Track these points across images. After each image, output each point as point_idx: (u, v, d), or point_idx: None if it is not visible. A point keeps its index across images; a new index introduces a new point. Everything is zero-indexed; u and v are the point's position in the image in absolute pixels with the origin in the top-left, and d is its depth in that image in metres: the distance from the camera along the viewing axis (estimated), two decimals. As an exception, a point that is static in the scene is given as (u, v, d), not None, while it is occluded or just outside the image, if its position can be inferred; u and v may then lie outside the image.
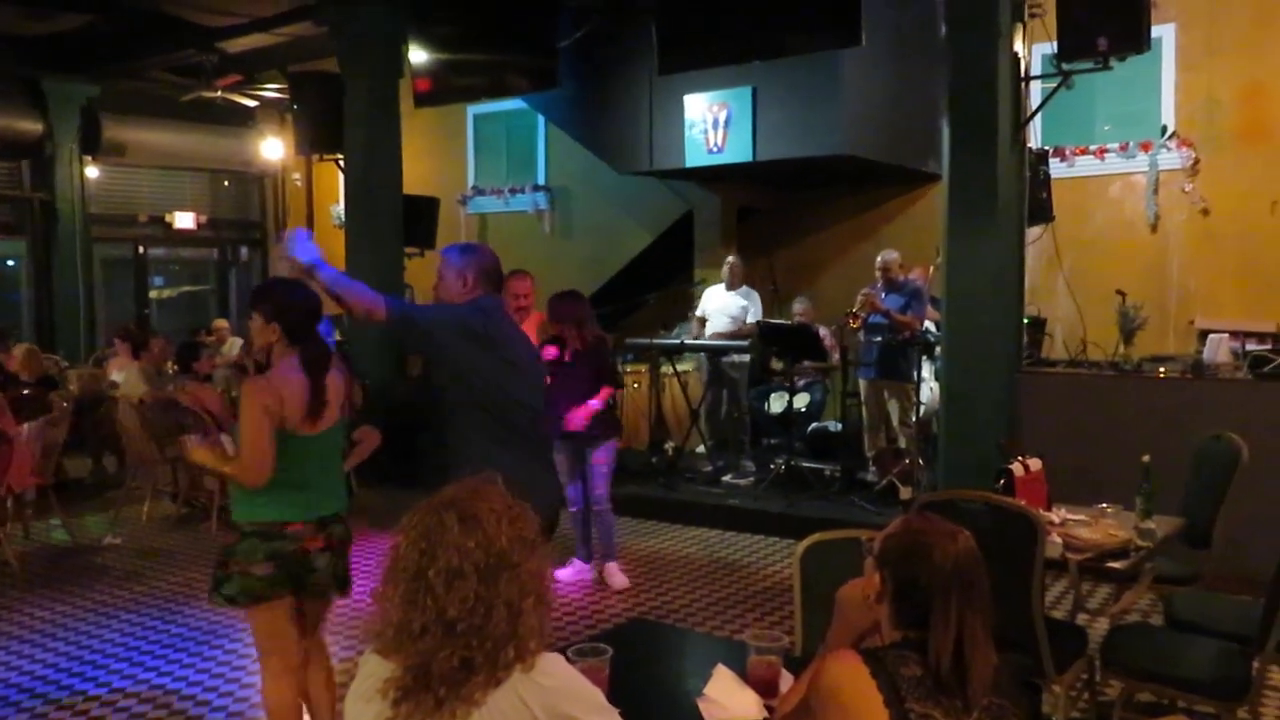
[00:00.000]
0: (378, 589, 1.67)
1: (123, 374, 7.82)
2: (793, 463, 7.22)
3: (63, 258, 11.32)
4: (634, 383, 8.26)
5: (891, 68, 8.03)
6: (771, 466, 7.38)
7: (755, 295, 8.11)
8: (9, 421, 5.84)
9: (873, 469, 7.15)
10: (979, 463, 5.30)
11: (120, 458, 8.12)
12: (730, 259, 8.20)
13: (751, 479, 7.54)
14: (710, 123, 8.14)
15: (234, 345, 9.70)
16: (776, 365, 8.26)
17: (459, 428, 3.22)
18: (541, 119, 10.67)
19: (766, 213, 10.07)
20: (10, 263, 12.08)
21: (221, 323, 10.74)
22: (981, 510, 3.37)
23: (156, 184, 12.66)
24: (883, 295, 6.96)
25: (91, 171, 11.54)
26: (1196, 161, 7.78)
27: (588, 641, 2.20)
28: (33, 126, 10.93)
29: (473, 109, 11.39)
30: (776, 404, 8.14)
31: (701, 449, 8.25)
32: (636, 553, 6.36)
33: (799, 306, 8.23)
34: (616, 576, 5.56)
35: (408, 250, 8.81)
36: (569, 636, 4.75)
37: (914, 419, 6.81)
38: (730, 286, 8.07)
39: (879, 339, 6.95)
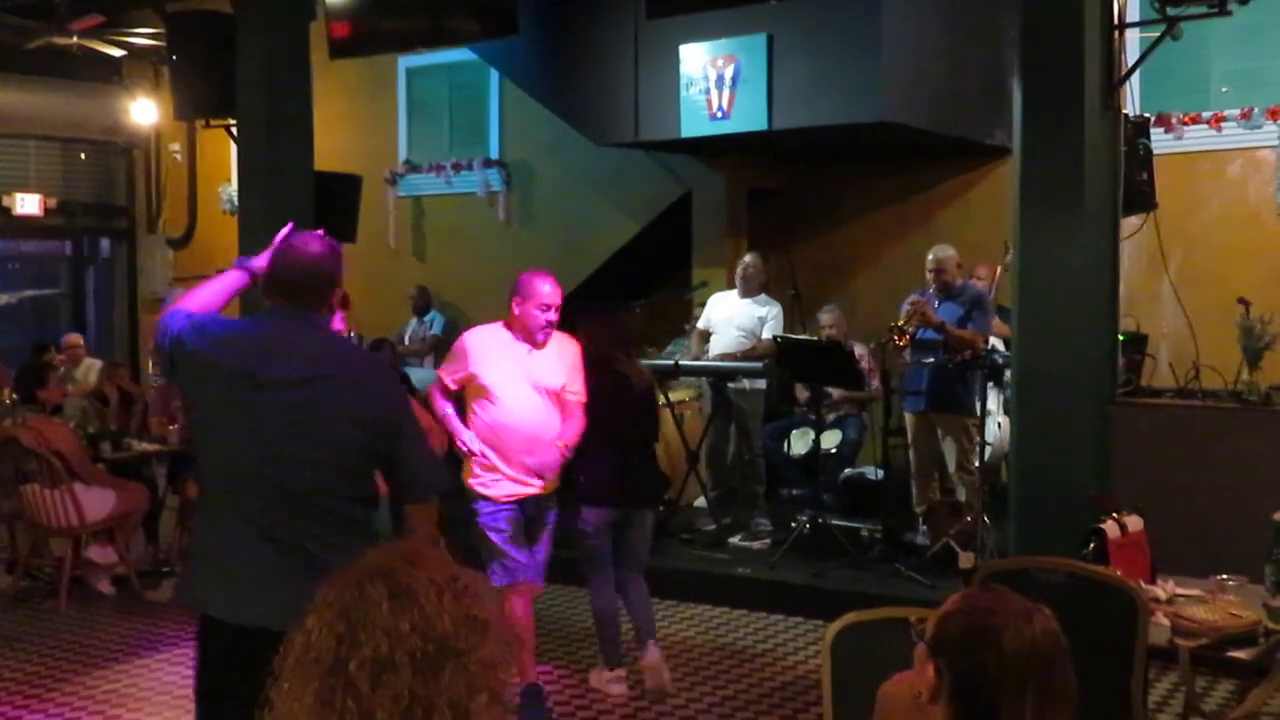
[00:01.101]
0: (277, 688, 1.64)
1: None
2: (820, 520, 7.23)
3: None
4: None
5: (947, 11, 8.10)
6: (793, 525, 7.39)
7: (776, 305, 8.11)
8: None
9: (923, 528, 7.16)
10: (1061, 521, 5.31)
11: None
12: (747, 258, 8.23)
13: (767, 542, 7.53)
14: (713, 81, 8.18)
15: (91, 369, 9.65)
16: (800, 394, 8.28)
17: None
18: (495, 76, 10.71)
19: (785, 196, 10.10)
20: None
21: (75, 339, 10.65)
22: (1064, 583, 3.40)
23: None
24: (936, 304, 6.99)
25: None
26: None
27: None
28: None
29: (405, 62, 11.41)
30: (799, 444, 8.15)
31: (702, 502, 8.24)
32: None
33: (827, 318, 8.26)
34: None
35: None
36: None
37: (976, 464, 6.83)
38: (746, 292, 8.08)
39: (931, 360, 6.98)
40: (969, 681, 1.85)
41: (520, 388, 4.96)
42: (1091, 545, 3.94)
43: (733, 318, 8.07)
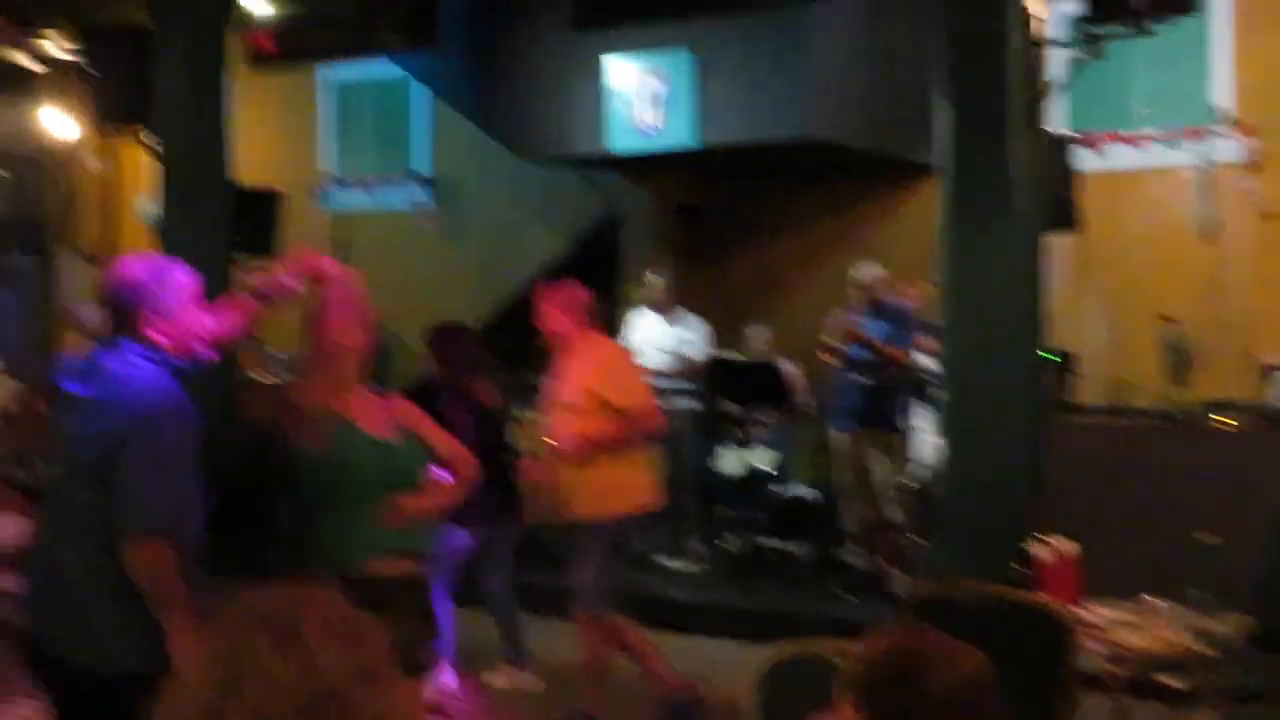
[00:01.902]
0: None
1: None
2: (751, 540, 7.16)
3: None
4: (536, 436, 8.13)
5: (875, 28, 8.10)
6: (722, 545, 7.31)
7: (699, 323, 8.06)
8: None
9: (854, 548, 7.12)
10: (992, 539, 5.29)
11: None
12: (649, 275, 8.14)
13: (698, 564, 7.45)
14: (642, 96, 8.12)
15: (3, 387, 9.35)
16: (730, 411, 8.22)
17: None
18: (421, 89, 10.57)
19: (714, 212, 10.05)
20: None
21: (-14, 357, 10.35)
22: (992, 607, 3.34)
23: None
24: (864, 321, 6.96)
25: None
26: (1259, 153, 7.95)
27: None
28: None
29: (330, 75, 11.24)
30: (730, 463, 8.08)
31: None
32: (543, 662, 6.20)
33: (757, 336, 8.21)
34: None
35: (240, 259, 8.61)
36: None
37: (902, 482, 6.80)
38: (661, 312, 8.02)
39: (861, 379, 6.94)
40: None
41: None
42: (1022, 567, 3.90)
43: (656, 340, 8.00)
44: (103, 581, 3.06)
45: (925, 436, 7.20)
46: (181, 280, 3.31)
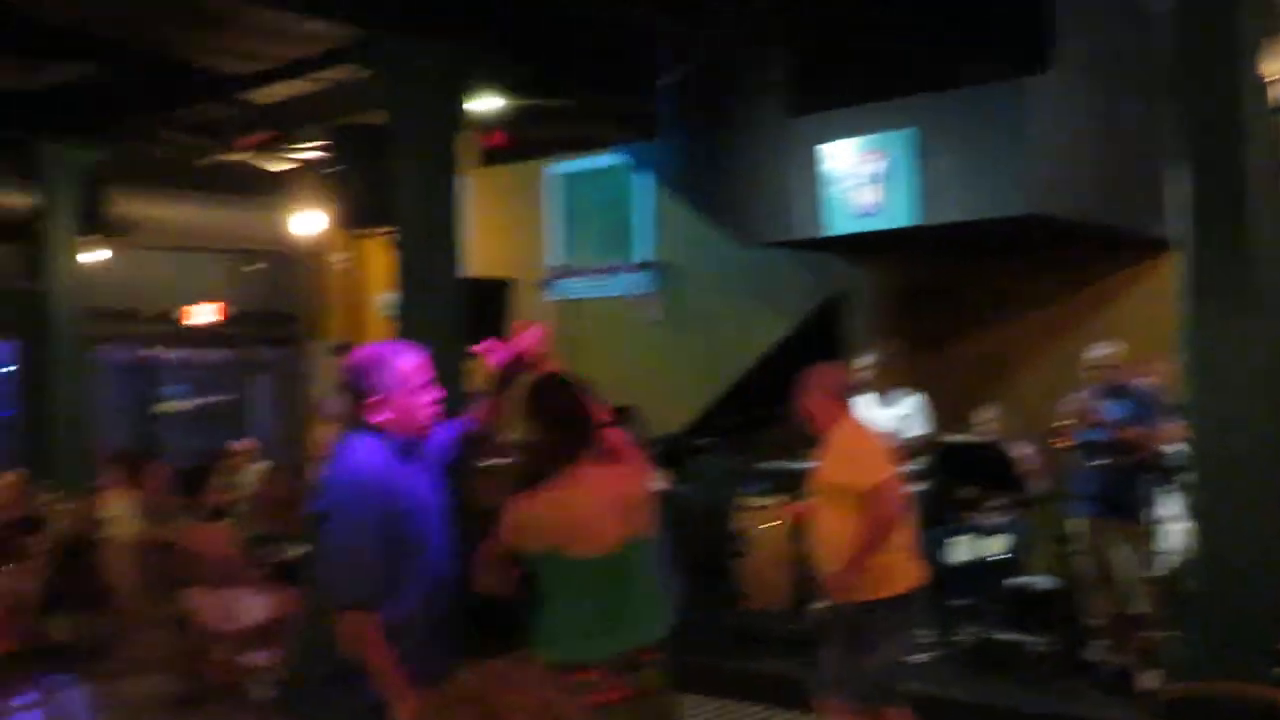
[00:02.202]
0: None
1: (116, 509, 8.06)
2: (984, 633, 6.88)
3: (59, 362, 11.74)
4: (770, 521, 8.06)
5: (1097, 97, 7.85)
6: (953, 636, 7.05)
7: (922, 402, 7.85)
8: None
9: (1096, 642, 6.74)
10: (1248, 634, 4.94)
11: (111, 616, 8.30)
12: (868, 358, 7.98)
13: (929, 654, 7.21)
14: (861, 177, 8.07)
15: (252, 473, 9.90)
16: (964, 496, 7.95)
17: None
18: (644, 179, 10.80)
19: (939, 292, 9.86)
20: (8, 369, 12.70)
21: (243, 445, 10.96)
22: (1252, 712, 3.10)
23: (168, 270, 13.24)
24: (1102, 403, 6.67)
25: (93, 255, 12.10)
26: None
27: None
28: (24, 201, 11.49)
29: (557, 168, 11.63)
30: (960, 551, 7.80)
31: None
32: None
33: (985, 416, 7.96)
34: None
35: (472, 349, 8.90)
36: None
37: (1154, 573, 6.43)
38: (882, 394, 7.85)
39: (1100, 463, 6.63)
40: None
41: None
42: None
43: (876, 423, 7.83)
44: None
45: (1173, 525, 6.80)
46: (404, 362, 3.45)
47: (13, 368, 12.63)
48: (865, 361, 7.95)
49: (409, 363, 3.46)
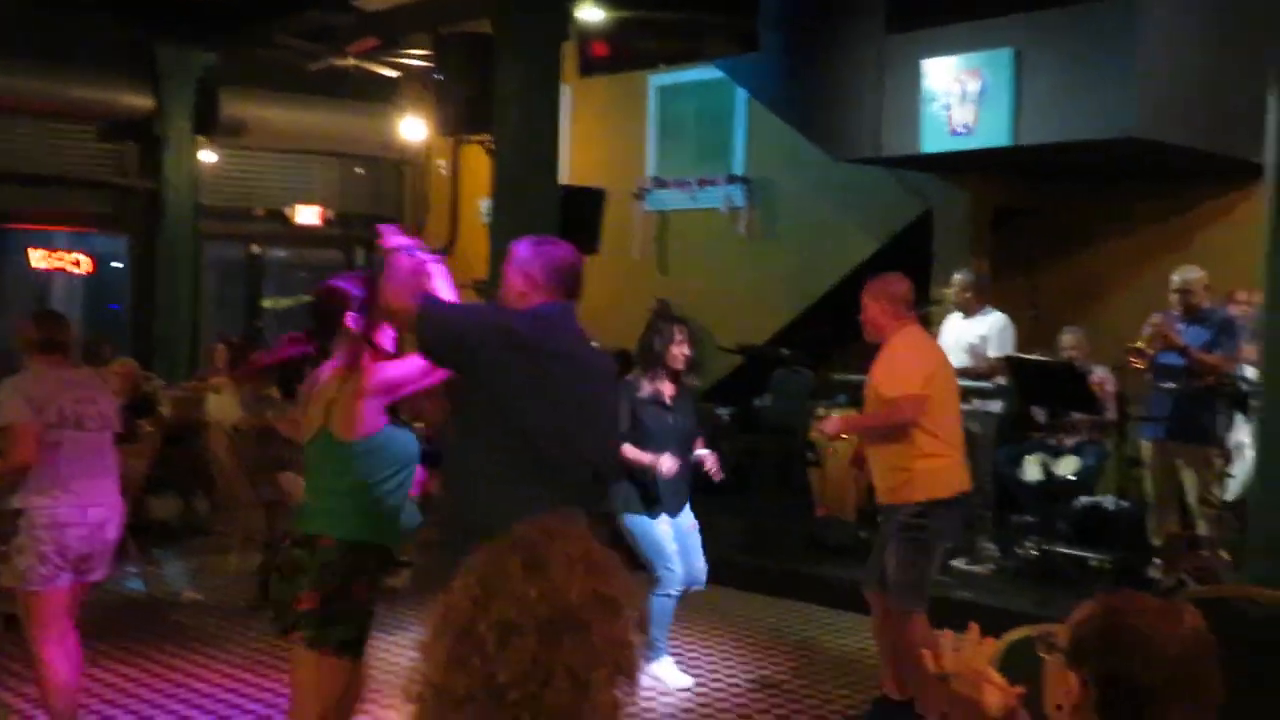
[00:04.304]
0: (422, 642, 1.76)
1: (217, 396, 8.52)
2: (1047, 548, 7.04)
3: (170, 258, 12.32)
4: (841, 435, 8.26)
5: (1207, 20, 7.78)
6: (1018, 550, 7.23)
7: (1004, 321, 7.89)
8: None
9: (1157, 562, 6.88)
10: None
11: (212, 497, 8.83)
12: (957, 276, 8.06)
13: (992, 566, 7.40)
14: (957, 95, 8.12)
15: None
16: (1037, 417, 8.06)
17: (484, 471, 3.37)
18: (741, 94, 10.90)
19: (1029, 215, 9.88)
20: (117, 264, 13.34)
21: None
22: (1265, 615, 3.26)
23: (277, 172, 13.70)
24: (1181, 327, 6.73)
25: (206, 156, 12.60)
26: None
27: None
28: (143, 102, 12.00)
29: (655, 80, 11.75)
30: (1033, 470, 7.94)
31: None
32: (830, 653, 6.40)
33: (1068, 339, 8.01)
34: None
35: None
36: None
37: (1219, 496, 6.52)
38: (966, 313, 7.94)
39: (1172, 385, 6.71)
40: (1117, 689, 1.80)
41: None
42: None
43: (958, 340, 7.94)
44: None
45: (1247, 452, 6.87)
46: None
47: (120, 264, 13.27)
48: (957, 280, 8.03)
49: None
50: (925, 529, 5.03)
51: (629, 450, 5.55)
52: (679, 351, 5.80)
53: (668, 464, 5.59)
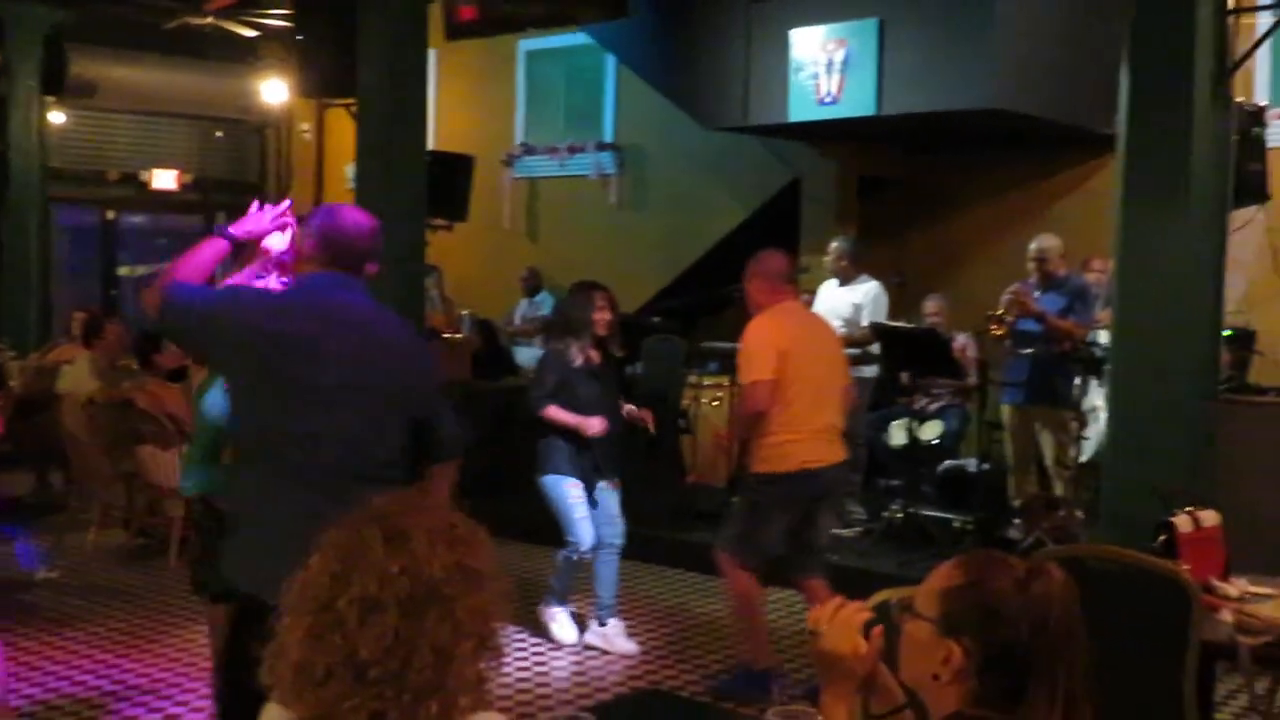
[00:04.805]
0: (281, 621, 1.73)
1: (71, 367, 8.23)
2: (912, 510, 7.22)
3: (17, 224, 11.82)
4: (713, 400, 8.35)
5: (1063, -6, 7.99)
6: (884, 514, 7.40)
7: (878, 289, 8.00)
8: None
9: (1017, 522, 7.10)
10: (1141, 514, 5.24)
11: (67, 472, 8.54)
12: (834, 243, 8.17)
13: (859, 530, 7.55)
14: (823, 65, 8.21)
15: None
16: (903, 382, 8.24)
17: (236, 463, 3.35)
18: (611, 60, 10.86)
19: (898, 184, 10.07)
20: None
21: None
22: (1115, 572, 3.38)
23: (131, 134, 13.24)
24: (1037, 294, 6.93)
25: (54, 117, 12.11)
26: None
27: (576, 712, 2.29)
28: (-17, 59, 11.48)
29: (524, 44, 11.65)
30: (898, 434, 8.13)
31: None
32: (696, 617, 6.49)
33: (930, 305, 8.21)
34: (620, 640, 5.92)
35: (433, 222, 9.05)
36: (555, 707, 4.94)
37: (1074, 458, 6.75)
38: (840, 280, 8.05)
39: (1030, 351, 6.92)
40: (1003, 656, 1.80)
41: None
42: (1162, 538, 3.90)
43: (834, 308, 8.04)
44: None
45: (1101, 415, 7.12)
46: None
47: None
48: (833, 247, 8.11)
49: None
50: (762, 494, 5.16)
51: (556, 411, 5.72)
52: (601, 318, 5.81)
53: (596, 425, 5.71)
